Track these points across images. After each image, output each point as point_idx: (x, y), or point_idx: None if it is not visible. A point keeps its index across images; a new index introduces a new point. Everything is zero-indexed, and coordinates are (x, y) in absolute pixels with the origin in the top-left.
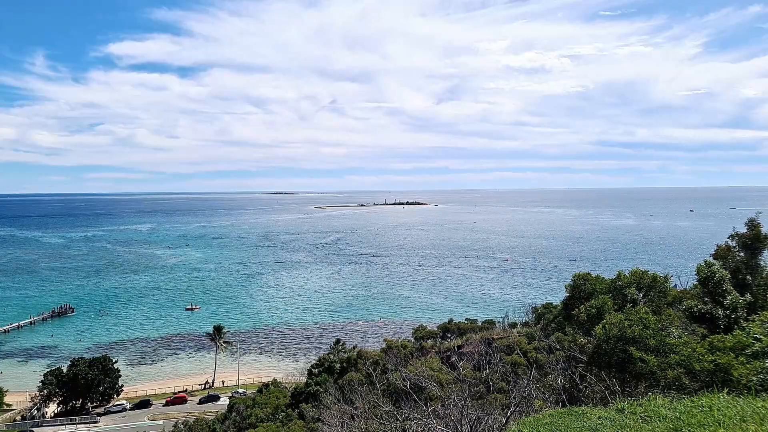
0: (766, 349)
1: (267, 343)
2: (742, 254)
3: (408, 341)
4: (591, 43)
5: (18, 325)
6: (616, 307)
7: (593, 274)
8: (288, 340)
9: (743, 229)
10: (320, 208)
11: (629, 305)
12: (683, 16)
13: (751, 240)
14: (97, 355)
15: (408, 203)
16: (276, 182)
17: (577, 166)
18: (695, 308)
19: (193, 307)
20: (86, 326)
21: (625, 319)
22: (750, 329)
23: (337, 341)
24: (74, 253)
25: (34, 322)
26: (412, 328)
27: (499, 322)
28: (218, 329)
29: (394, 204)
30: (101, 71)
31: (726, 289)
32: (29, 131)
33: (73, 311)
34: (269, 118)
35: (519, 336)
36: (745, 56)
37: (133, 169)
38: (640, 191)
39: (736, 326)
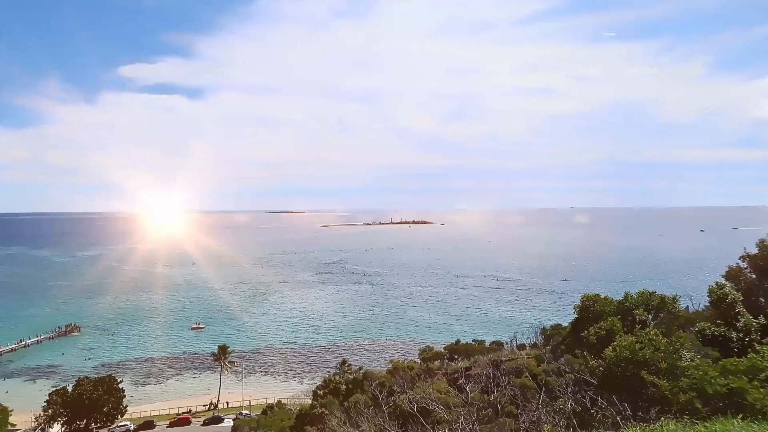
0: None
1: (271, 363)
2: (753, 276)
3: (414, 362)
4: (597, 64)
5: (25, 344)
6: (625, 329)
7: (602, 295)
8: (293, 361)
9: (754, 250)
10: (326, 226)
11: (638, 327)
12: (688, 37)
13: (762, 261)
14: (102, 375)
15: (414, 222)
16: (283, 201)
17: (585, 186)
18: (708, 330)
19: (199, 326)
20: (93, 345)
21: (636, 342)
22: (764, 353)
23: (343, 362)
24: (82, 271)
25: (41, 341)
26: (419, 349)
27: (507, 344)
28: (223, 349)
29: (401, 223)
30: (113, 93)
31: (739, 311)
32: (42, 151)
33: (79, 330)
34: (276, 137)
35: (528, 358)
36: (753, 76)
37: (141, 188)
38: (649, 211)
39: (749, 349)
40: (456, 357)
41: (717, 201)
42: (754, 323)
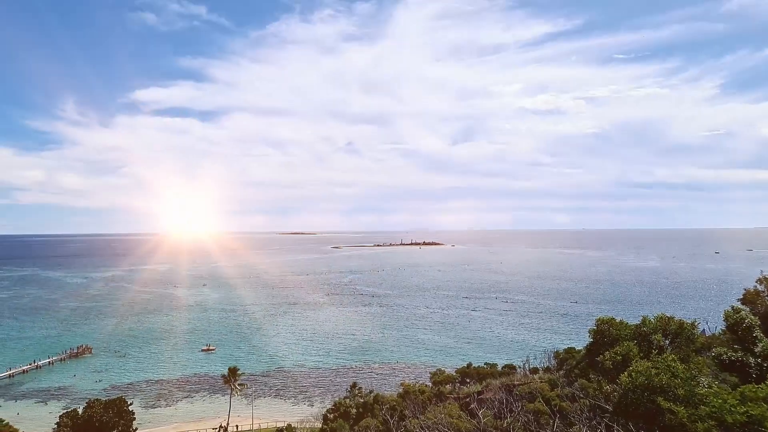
0: None
1: (281, 386)
2: None
3: (426, 386)
4: (605, 86)
5: (37, 365)
6: (641, 354)
7: (617, 319)
8: (303, 384)
9: None
10: (337, 247)
11: (655, 352)
12: (698, 58)
13: None
14: (112, 397)
15: (425, 243)
16: (294, 222)
17: (595, 206)
18: (725, 356)
19: (209, 347)
20: (104, 367)
21: (652, 367)
22: None
23: (354, 385)
24: (94, 293)
25: (53, 362)
26: (430, 373)
27: (519, 368)
28: (233, 371)
29: (411, 244)
30: (127, 116)
31: (756, 335)
32: (57, 173)
33: (91, 351)
34: (287, 159)
35: (541, 382)
36: (763, 97)
37: (154, 209)
38: (661, 232)
39: None
40: (468, 381)
41: (730, 222)
42: None
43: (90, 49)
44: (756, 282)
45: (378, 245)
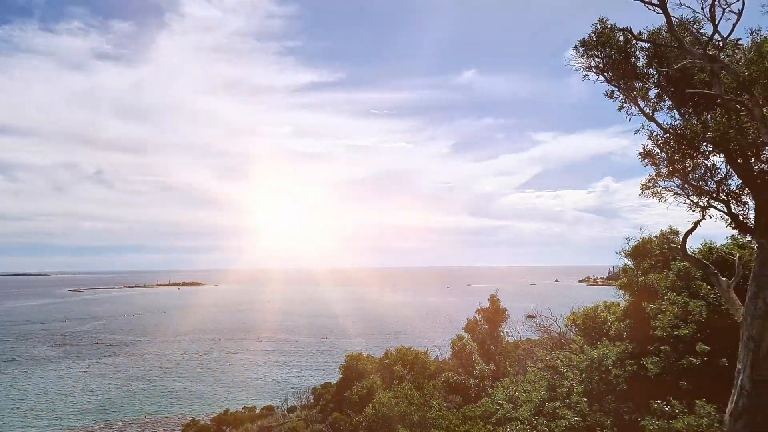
0: (507, 414)
1: None
2: (486, 327)
3: None
4: (367, 136)
5: None
6: (384, 386)
7: (364, 354)
8: None
9: (487, 305)
10: (76, 291)
11: (396, 383)
12: (435, 120)
13: (491, 314)
14: None
15: (184, 283)
16: (23, 261)
17: (361, 247)
18: (452, 379)
19: None
20: None
21: (393, 397)
22: (495, 396)
23: None
24: None
25: None
26: (182, 425)
27: (278, 408)
28: None
29: (169, 284)
30: None
31: (475, 359)
32: None
33: None
34: (15, 186)
35: (297, 420)
36: (483, 158)
37: None
38: (410, 269)
39: (484, 394)
40: (224, 428)
41: (457, 261)
42: (486, 369)
43: None
44: (475, 312)
45: (129, 286)
